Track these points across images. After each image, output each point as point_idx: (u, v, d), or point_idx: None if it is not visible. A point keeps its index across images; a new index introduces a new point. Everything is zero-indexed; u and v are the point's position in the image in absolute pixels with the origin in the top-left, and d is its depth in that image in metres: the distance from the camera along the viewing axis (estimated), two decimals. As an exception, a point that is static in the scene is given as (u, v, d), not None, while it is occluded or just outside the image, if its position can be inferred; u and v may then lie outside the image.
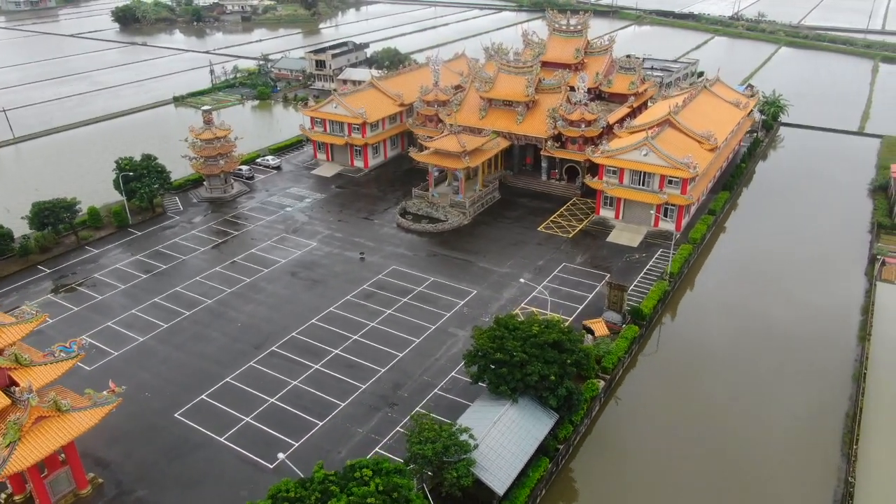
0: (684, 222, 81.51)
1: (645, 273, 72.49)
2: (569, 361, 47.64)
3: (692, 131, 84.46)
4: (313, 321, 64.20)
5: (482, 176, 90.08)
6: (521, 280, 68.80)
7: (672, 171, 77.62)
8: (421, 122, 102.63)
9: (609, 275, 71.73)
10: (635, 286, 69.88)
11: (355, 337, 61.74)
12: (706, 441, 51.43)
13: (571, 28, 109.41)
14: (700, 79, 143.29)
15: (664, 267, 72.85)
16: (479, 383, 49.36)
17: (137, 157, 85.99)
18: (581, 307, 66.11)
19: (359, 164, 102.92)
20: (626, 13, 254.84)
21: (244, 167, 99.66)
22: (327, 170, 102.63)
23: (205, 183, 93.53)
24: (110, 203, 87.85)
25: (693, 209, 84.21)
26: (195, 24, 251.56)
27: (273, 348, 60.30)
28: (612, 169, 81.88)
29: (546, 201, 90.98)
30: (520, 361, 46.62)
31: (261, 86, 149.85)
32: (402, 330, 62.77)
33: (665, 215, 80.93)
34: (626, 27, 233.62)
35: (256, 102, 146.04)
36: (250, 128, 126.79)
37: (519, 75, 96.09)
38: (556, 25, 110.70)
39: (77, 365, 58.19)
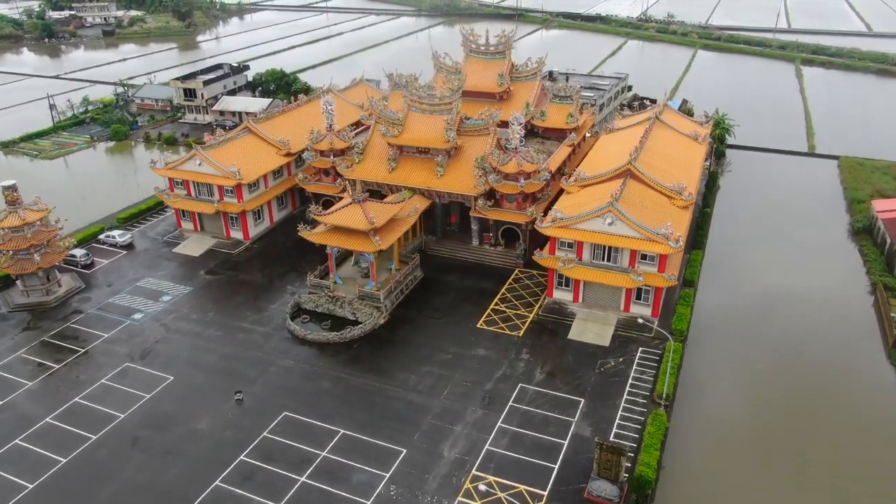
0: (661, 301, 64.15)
1: (629, 392, 54.07)
2: None
3: (660, 184, 66.81)
4: (160, 541, 41.89)
5: (398, 251, 69.40)
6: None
7: (646, 244, 59.71)
8: (314, 177, 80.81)
9: (583, 399, 53.10)
10: (621, 416, 51.46)
11: (226, 571, 39.97)
12: None
13: (492, 49, 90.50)
14: (630, 94, 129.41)
15: (650, 379, 54.92)
16: None
17: None
18: (556, 467, 46.77)
19: (237, 234, 79.62)
20: (532, 17, 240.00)
21: (79, 250, 74.59)
22: (195, 245, 78.78)
23: (18, 283, 68.15)
24: None
25: (666, 281, 66.93)
26: (47, 41, 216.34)
27: None
28: (567, 241, 63.29)
29: (481, 277, 71.37)
30: None
31: (115, 122, 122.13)
32: (299, 544, 41.49)
33: (638, 297, 63.08)
34: (532, 32, 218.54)
35: (111, 144, 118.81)
36: (100, 182, 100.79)
37: (435, 114, 75.91)
38: (474, 46, 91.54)
39: None
